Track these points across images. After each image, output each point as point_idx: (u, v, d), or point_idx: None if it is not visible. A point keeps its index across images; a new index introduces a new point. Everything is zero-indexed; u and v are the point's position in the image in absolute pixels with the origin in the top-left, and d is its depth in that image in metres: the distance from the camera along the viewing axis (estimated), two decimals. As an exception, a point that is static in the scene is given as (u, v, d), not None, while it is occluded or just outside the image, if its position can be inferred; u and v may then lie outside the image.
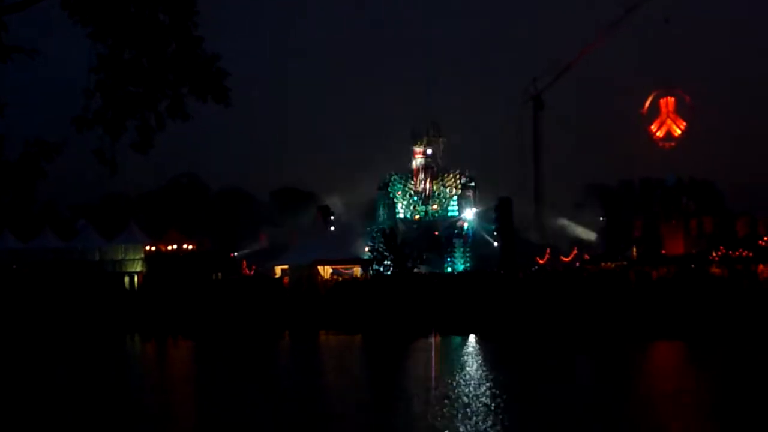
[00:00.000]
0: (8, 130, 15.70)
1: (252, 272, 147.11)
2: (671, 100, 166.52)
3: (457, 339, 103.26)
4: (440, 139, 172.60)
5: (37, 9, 14.92)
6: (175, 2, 14.90)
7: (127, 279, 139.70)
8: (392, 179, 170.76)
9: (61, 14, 14.86)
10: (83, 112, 14.87)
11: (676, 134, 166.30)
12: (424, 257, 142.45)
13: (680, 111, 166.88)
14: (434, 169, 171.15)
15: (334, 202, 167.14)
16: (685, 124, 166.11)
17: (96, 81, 14.91)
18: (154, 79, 14.91)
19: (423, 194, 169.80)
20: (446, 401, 57.45)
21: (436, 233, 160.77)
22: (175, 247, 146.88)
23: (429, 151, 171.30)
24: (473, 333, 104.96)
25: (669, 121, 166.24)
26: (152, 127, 15.11)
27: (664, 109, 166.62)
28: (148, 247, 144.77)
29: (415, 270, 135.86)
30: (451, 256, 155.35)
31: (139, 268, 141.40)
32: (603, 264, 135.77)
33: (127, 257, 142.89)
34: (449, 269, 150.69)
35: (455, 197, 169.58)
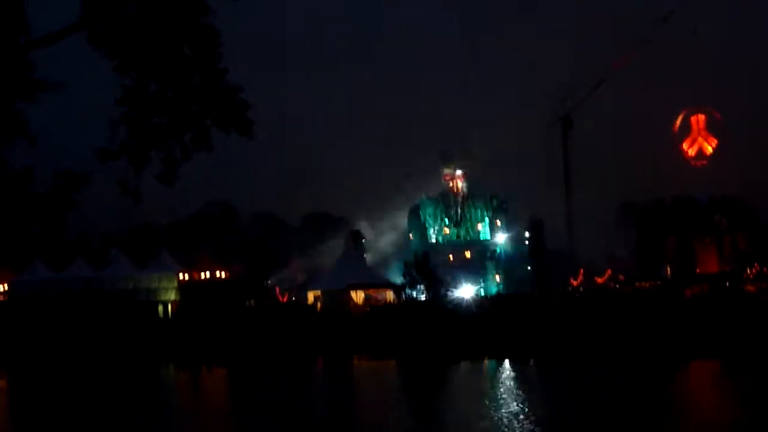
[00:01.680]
0: (37, 162, 15.73)
1: (285, 299, 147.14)
2: (702, 117, 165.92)
3: (492, 363, 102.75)
4: (471, 162, 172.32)
5: (63, 43, 14.93)
6: (199, 36, 14.88)
7: (160, 307, 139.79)
8: (423, 203, 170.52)
9: (87, 48, 14.88)
10: (108, 143, 14.87)
11: (708, 152, 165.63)
12: (457, 281, 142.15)
13: (711, 129, 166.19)
14: (465, 192, 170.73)
15: (366, 226, 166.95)
16: (716, 141, 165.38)
17: (121, 113, 14.91)
18: (179, 111, 14.88)
19: (454, 218, 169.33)
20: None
21: (469, 256, 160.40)
22: (207, 274, 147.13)
23: (459, 173, 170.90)
24: (508, 357, 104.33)
25: (700, 139, 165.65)
26: (177, 159, 15.07)
27: (695, 127, 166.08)
28: (180, 276, 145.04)
29: (448, 294, 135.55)
30: (484, 279, 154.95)
31: (172, 297, 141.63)
32: (637, 284, 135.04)
33: (161, 286, 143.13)
34: (482, 292, 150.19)
35: (486, 219, 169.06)
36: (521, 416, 60.81)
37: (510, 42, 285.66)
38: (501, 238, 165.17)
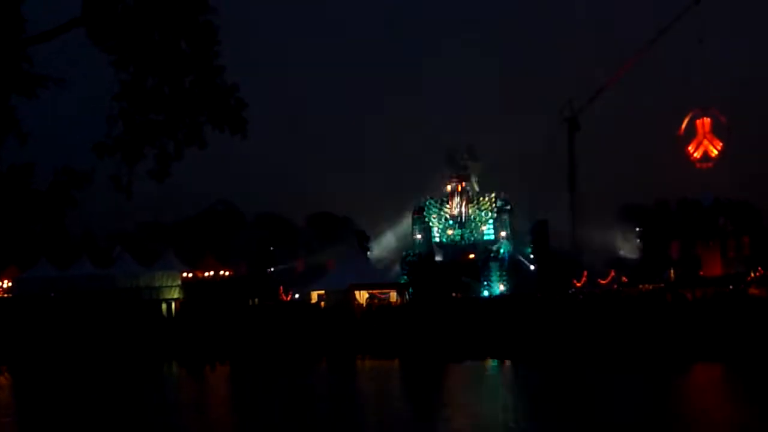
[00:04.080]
0: (36, 158, 15.75)
1: (289, 298, 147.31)
2: (707, 120, 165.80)
3: (494, 363, 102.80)
4: (475, 163, 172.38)
5: (61, 38, 14.97)
6: (197, 32, 14.92)
7: (164, 306, 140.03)
8: (427, 204, 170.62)
9: (86, 43, 14.91)
10: (105, 138, 14.91)
11: (713, 155, 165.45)
12: (461, 281, 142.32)
13: (717, 131, 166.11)
14: (469, 193, 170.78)
15: (370, 226, 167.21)
16: (721, 144, 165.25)
17: (119, 108, 14.95)
18: (174, 107, 14.92)
19: (458, 218, 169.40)
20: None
21: (472, 257, 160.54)
22: (211, 273, 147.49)
23: (463, 174, 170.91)
24: (511, 357, 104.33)
25: (706, 142, 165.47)
26: (170, 156, 15.11)
27: (700, 130, 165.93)
28: (184, 274, 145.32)
29: (452, 294, 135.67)
30: (488, 280, 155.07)
31: (176, 295, 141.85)
32: (641, 286, 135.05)
33: (164, 284, 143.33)
34: (486, 293, 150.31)
35: (491, 221, 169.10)
36: (516, 415, 60.86)
37: (516, 43, 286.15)
38: (505, 239, 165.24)
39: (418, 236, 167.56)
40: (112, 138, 14.89)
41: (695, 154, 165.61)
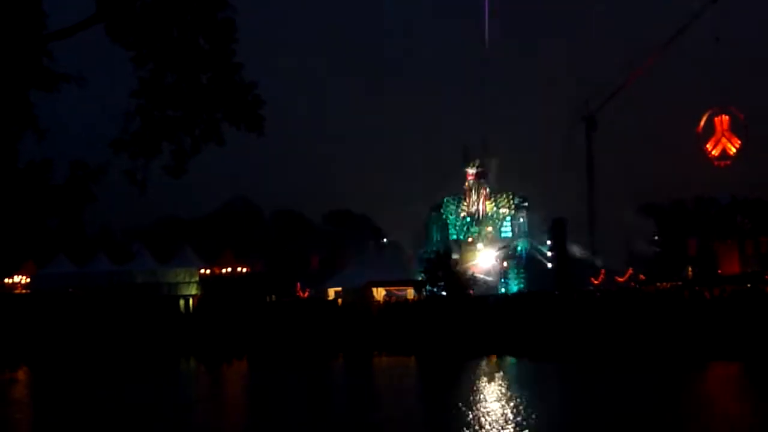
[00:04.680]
0: (53, 154, 15.83)
1: (306, 295, 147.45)
2: (726, 118, 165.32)
3: (512, 360, 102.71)
4: (493, 160, 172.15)
5: (81, 35, 15.06)
6: (216, 29, 14.96)
7: (182, 302, 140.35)
8: (445, 201, 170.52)
9: (104, 39, 15.01)
10: (122, 134, 14.98)
11: (731, 153, 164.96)
12: (478, 279, 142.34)
13: (735, 129, 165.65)
14: (487, 190, 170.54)
15: (387, 224, 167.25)
16: (740, 142, 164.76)
17: (137, 105, 15.02)
18: (192, 104, 14.97)
19: (476, 216, 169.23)
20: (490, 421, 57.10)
21: (490, 255, 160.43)
22: (229, 269, 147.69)
23: (481, 171, 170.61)
24: (528, 355, 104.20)
25: (724, 140, 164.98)
26: (186, 152, 15.16)
27: (719, 128, 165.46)
28: (202, 270, 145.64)
29: (469, 292, 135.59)
30: (505, 278, 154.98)
31: (194, 291, 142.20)
32: (658, 284, 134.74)
33: (182, 280, 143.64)
34: (503, 290, 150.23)
35: (508, 218, 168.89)
36: (532, 413, 60.84)
37: (535, 41, 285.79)
38: (523, 236, 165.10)
39: (436, 233, 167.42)
40: (129, 134, 14.96)
41: (713, 152, 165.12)
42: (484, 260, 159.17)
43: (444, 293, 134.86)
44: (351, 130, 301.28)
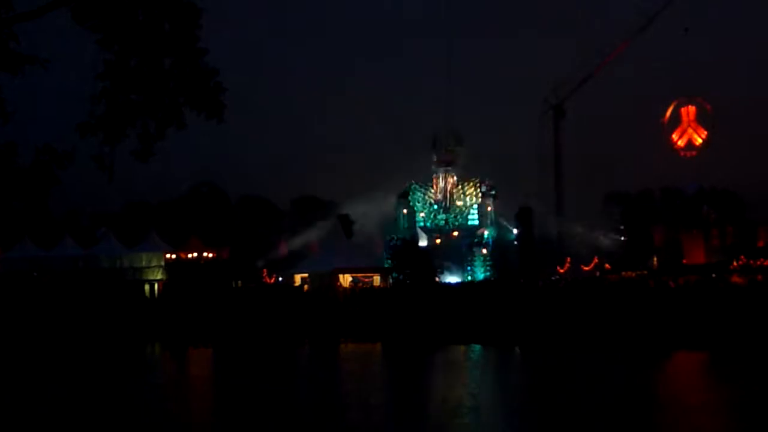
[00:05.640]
0: (18, 137, 15.76)
1: (272, 281, 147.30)
2: (692, 109, 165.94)
3: (476, 348, 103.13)
4: (461, 148, 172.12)
5: (47, 17, 14.99)
6: (180, 13, 14.92)
7: (147, 287, 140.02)
8: (412, 188, 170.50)
9: (70, 21, 14.93)
10: (88, 118, 14.93)
11: (698, 143, 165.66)
12: (444, 266, 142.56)
13: (701, 120, 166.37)
14: (454, 178, 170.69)
15: (354, 210, 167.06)
16: (706, 133, 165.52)
17: (102, 88, 14.97)
18: (155, 88, 14.94)
19: (443, 203, 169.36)
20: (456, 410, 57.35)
21: (456, 242, 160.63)
22: (195, 255, 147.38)
23: (449, 159, 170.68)
24: (492, 342, 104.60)
25: (690, 130, 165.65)
26: (152, 135, 15.14)
27: (685, 118, 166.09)
28: (168, 256, 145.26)
29: (435, 279, 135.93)
30: (471, 265, 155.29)
31: (159, 276, 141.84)
32: (624, 273, 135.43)
33: (148, 265, 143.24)
34: (469, 278, 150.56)
35: (475, 206, 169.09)
36: (500, 401, 61.15)
37: (504, 31, 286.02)
38: (489, 225, 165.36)
39: (403, 221, 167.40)
40: (95, 117, 14.91)
41: (679, 143, 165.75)
42: (451, 249, 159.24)
43: (410, 281, 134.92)
44: (315, 115, 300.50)
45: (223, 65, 15.47)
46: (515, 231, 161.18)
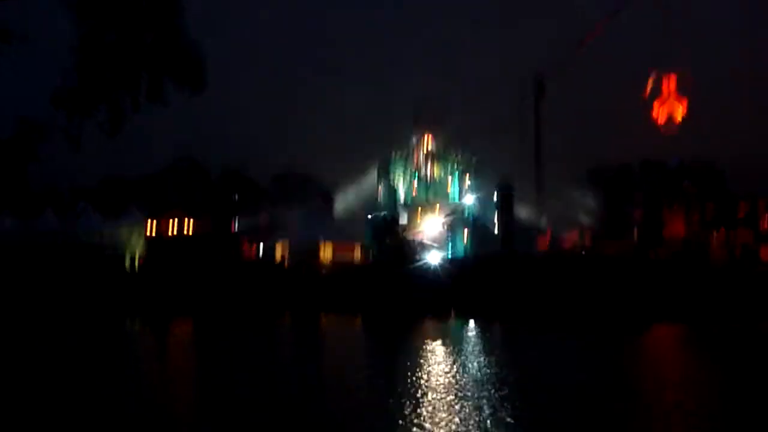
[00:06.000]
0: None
1: (253, 250, 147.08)
2: (673, 79, 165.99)
3: (457, 322, 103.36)
4: (442, 123, 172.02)
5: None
6: None
7: (127, 261, 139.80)
8: (393, 162, 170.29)
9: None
10: (60, 91, 14.92)
11: (678, 115, 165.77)
12: (424, 241, 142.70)
13: (682, 90, 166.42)
14: (435, 152, 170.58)
15: (335, 185, 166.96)
16: (686, 101, 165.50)
17: (76, 61, 14.95)
18: (133, 62, 14.93)
19: (424, 178, 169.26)
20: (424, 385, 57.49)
21: (437, 217, 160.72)
22: (175, 228, 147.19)
23: (430, 133, 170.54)
24: (472, 316, 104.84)
25: (671, 101, 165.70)
26: (123, 110, 15.13)
27: (665, 90, 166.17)
28: (148, 230, 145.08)
29: (415, 254, 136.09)
30: (452, 240, 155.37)
31: (139, 251, 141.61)
32: (604, 247, 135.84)
33: (128, 239, 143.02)
34: (449, 253, 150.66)
35: (456, 181, 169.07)
36: (475, 374, 61.26)
37: (490, 5, 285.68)
38: (470, 200, 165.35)
39: (384, 194, 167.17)
40: (66, 90, 14.88)
41: (660, 115, 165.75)
42: (431, 225, 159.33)
43: (391, 259, 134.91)
44: (297, 88, 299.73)
45: (198, 36, 15.42)
46: (495, 206, 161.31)
